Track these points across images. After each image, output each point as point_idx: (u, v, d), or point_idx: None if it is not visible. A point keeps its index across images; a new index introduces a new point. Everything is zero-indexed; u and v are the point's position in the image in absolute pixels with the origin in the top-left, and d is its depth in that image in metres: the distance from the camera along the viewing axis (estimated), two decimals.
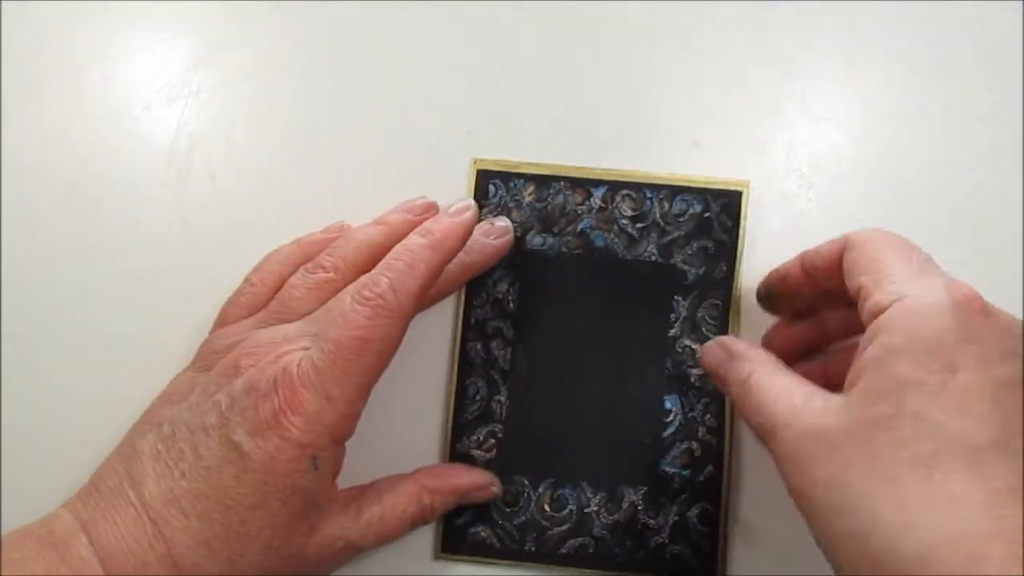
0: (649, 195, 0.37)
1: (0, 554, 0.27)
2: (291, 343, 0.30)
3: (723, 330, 0.36)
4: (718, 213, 0.37)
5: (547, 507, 0.35)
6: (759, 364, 0.29)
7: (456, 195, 0.37)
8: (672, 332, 0.36)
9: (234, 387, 0.29)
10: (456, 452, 0.36)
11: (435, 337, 0.37)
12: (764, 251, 0.38)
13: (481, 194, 0.37)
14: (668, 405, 0.36)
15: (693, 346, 0.36)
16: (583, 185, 0.37)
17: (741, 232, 0.37)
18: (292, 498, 0.29)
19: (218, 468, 0.28)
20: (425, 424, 0.37)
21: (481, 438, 0.36)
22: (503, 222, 0.36)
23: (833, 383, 0.29)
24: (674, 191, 0.37)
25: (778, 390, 0.27)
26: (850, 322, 0.32)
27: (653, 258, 0.37)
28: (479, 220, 0.35)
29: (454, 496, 0.34)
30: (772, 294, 0.34)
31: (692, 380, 0.36)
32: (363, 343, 0.29)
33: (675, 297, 0.36)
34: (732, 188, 0.37)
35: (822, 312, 0.34)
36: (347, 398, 0.29)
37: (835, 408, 0.25)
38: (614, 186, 0.37)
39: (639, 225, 0.37)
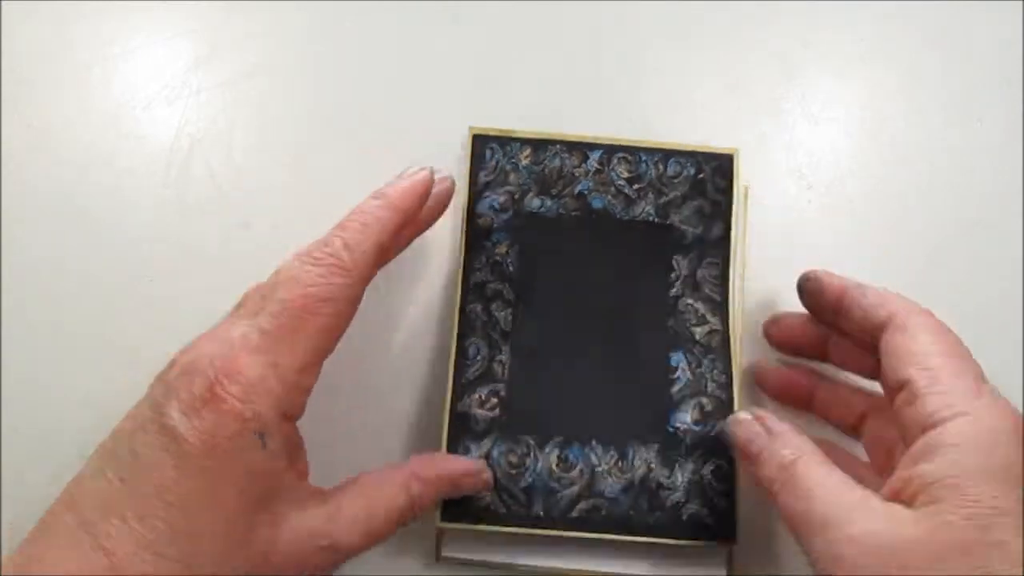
0: (644, 158, 0.37)
1: None
2: (232, 320, 0.28)
3: (724, 290, 0.36)
4: (711, 175, 0.37)
5: (555, 468, 0.34)
6: (805, 451, 0.28)
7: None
8: (674, 291, 0.36)
9: (170, 375, 0.26)
10: (457, 411, 0.35)
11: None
12: (761, 247, 0.38)
13: (478, 158, 0.37)
14: (674, 361, 0.35)
15: (695, 305, 0.36)
16: (579, 148, 0.37)
17: (736, 193, 0.37)
18: (243, 483, 0.25)
19: (155, 461, 0.25)
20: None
21: (483, 397, 0.35)
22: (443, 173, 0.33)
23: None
24: (668, 154, 0.37)
25: (830, 484, 0.26)
26: (849, 362, 0.33)
27: (651, 218, 0.37)
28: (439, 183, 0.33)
29: (446, 484, 0.32)
30: (807, 291, 0.34)
31: (697, 338, 0.36)
32: (315, 302, 0.27)
33: (675, 256, 0.36)
34: (723, 152, 0.37)
35: (827, 349, 0.34)
36: (296, 365, 0.26)
37: (903, 520, 0.24)
38: (610, 149, 0.37)
39: (636, 186, 0.37)
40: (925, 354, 0.28)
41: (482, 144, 0.37)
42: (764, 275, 0.37)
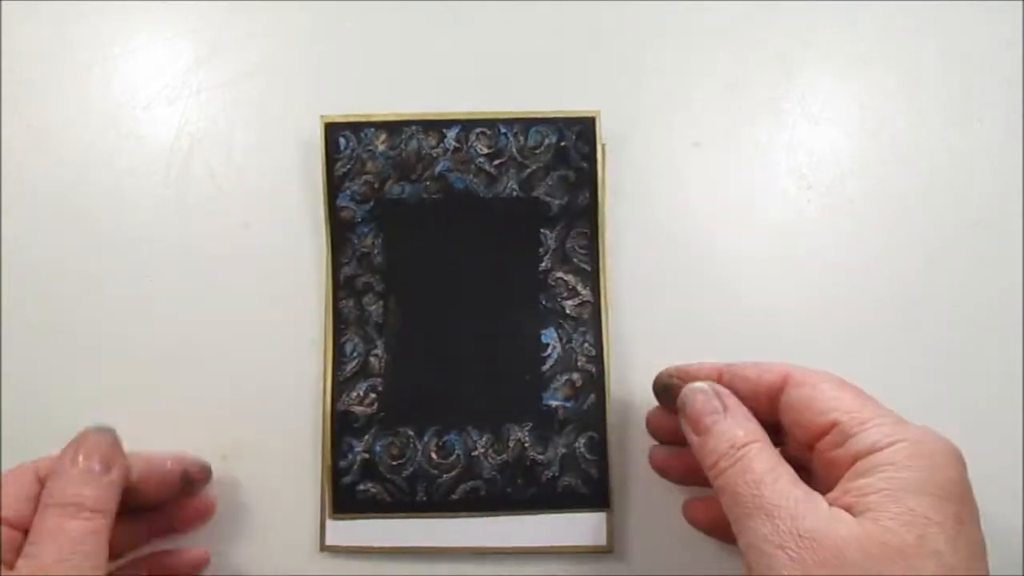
0: (503, 131, 0.36)
1: None
2: None
3: (594, 259, 0.36)
4: (574, 140, 0.36)
5: (434, 455, 0.35)
6: (759, 436, 0.28)
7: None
8: (543, 266, 0.36)
9: None
10: (337, 410, 0.35)
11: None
12: (761, 247, 0.38)
13: (333, 148, 0.37)
14: (545, 339, 0.36)
15: (565, 277, 0.36)
16: (436, 127, 0.37)
17: (599, 157, 0.36)
18: None
19: None
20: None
21: (361, 394, 0.35)
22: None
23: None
24: (528, 124, 0.36)
25: (780, 475, 0.27)
26: None
27: (515, 194, 0.36)
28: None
29: None
30: (673, 386, 0.32)
31: (567, 312, 0.36)
32: None
33: (541, 230, 0.36)
34: (584, 115, 0.36)
35: None
36: None
37: (848, 522, 0.25)
38: (467, 125, 0.37)
39: (496, 162, 0.36)
40: (840, 399, 0.28)
41: (334, 133, 0.37)
42: (764, 275, 0.37)
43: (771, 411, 0.31)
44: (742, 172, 0.38)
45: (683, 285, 0.37)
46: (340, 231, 0.36)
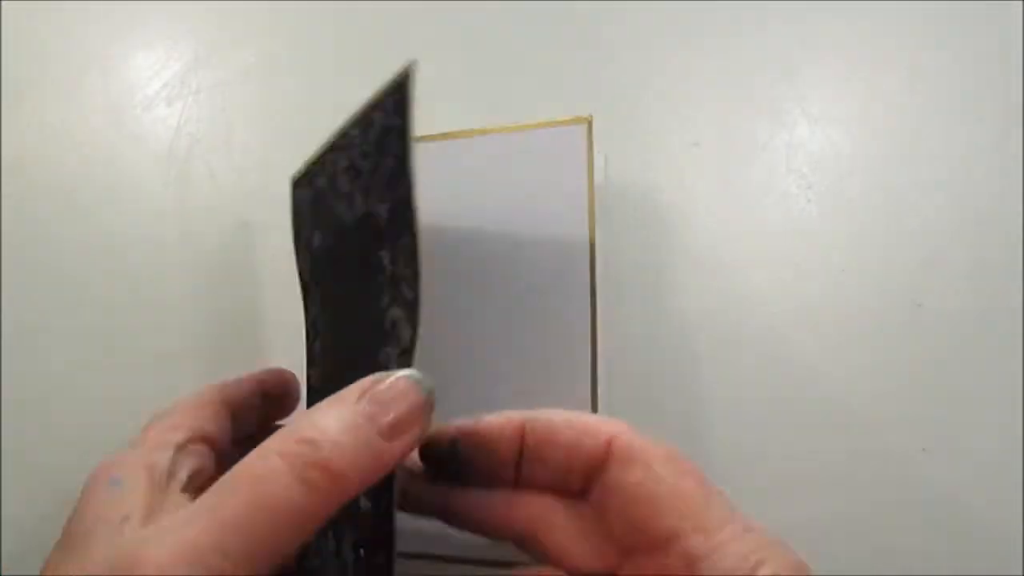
0: (355, 135, 0.28)
1: None
2: None
3: (416, 282, 0.24)
4: (389, 114, 0.26)
5: None
6: None
7: None
8: (384, 302, 0.25)
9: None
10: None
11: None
12: (762, 248, 0.38)
13: (295, 211, 0.33)
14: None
15: (396, 313, 0.25)
16: (327, 158, 0.30)
17: (589, 163, 0.32)
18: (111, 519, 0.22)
19: None
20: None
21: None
22: None
23: None
24: (366, 120, 0.28)
25: None
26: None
27: (361, 211, 0.27)
28: None
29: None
30: (466, 454, 0.26)
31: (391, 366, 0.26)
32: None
33: (379, 252, 0.26)
34: (400, 76, 0.26)
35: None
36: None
37: None
38: (335, 146, 0.30)
39: (351, 177, 0.28)
40: (679, 497, 0.23)
41: (293, 190, 0.34)
42: (765, 275, 0.37)
43: (587, 487, 0.25)
44: (742, 172, 0.38)
45: (682, 285, 0.37)
46: (303, 290, 0.33)
